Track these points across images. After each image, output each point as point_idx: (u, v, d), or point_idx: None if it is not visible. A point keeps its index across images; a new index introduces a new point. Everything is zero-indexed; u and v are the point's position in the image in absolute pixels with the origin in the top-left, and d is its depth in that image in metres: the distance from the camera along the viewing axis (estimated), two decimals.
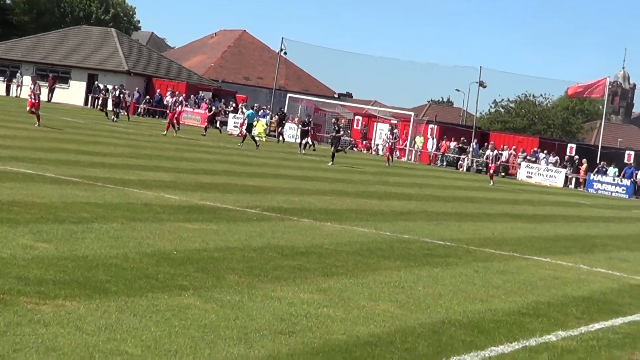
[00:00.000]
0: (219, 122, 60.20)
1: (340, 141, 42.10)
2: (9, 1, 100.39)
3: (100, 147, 27.71)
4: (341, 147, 42.48)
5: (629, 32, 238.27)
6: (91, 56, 74.86)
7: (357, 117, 68.07)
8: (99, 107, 61.35)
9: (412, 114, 67.38)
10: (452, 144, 61.89)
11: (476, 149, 59.61)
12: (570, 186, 55.78)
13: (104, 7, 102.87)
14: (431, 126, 64.63)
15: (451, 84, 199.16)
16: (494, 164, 46.24)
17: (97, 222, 12.63)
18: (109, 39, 77.68)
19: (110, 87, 62.26)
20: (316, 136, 56.62)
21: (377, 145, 63.03)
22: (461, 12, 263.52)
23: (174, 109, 43.14)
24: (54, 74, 72.70)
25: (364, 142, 65.53)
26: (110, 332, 7.14)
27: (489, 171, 46.62)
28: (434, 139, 62.39)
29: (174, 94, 45.99)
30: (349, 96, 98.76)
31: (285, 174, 28.46)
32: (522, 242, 18.58)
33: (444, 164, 61.75)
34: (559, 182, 55.05)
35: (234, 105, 65.59)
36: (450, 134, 63.92)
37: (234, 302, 8.85)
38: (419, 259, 13.82)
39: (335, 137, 41.08)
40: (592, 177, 54.63)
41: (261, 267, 10.94)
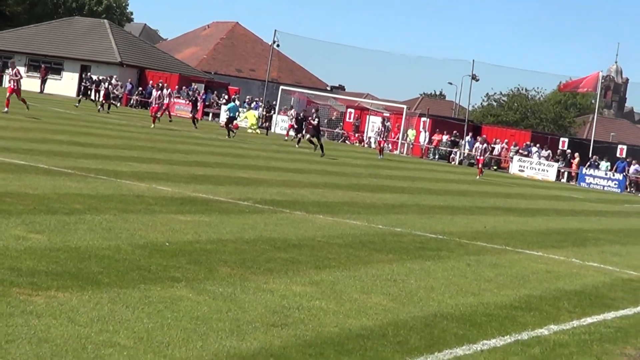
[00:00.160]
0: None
1: (319, 131, 42.49)
2: None
3: (92, 139, 27.65)
4: (313, 134, 42.46)
5: (622, 26, 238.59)
6: (84, 47, 74.65)
7: (349, 110, 68.02)
8: (81, 95, 61.72)
9: (405, 106, 67.39)
10: (445, 137, 61.91)
11: (471, 142, 59.59)
12: (562, 180, 55.85)
13: None
14: (423, 119, 64.56)
15: (444, 77, 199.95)
16: (482, 157, 45.97)
17: (89, 214, 12.62)
18: (102, 31, 77.49)
19: (94, 77, 62.44)
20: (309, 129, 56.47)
21: (370, 138, 63.03)
22: (454, 5, 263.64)
23: (159, 102, 43.83)
24: (46, 65, 72.53)
25: (357, 135, 65.51)
26: (102, 324, 7.14)
27: (478, 164, 46.41)
28: (426, 132, 62.34)
29: (159, 88, 46.00)
30: (342, 89, 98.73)
31: (277, 166, 28.46)
32: (514, 235, 18.60)
33: (436, 157, 61.79)
34: (551, 176, 55.13)
35: (227, 97, 65.42)
36: (442, 127, 63.87)
37: (227, 295, 8.84)
38: (411, 252, 13.83)
39: (314, 127, 41.55)
40: (584, 171, 54.73)
41: (253, 260, 10.94)
